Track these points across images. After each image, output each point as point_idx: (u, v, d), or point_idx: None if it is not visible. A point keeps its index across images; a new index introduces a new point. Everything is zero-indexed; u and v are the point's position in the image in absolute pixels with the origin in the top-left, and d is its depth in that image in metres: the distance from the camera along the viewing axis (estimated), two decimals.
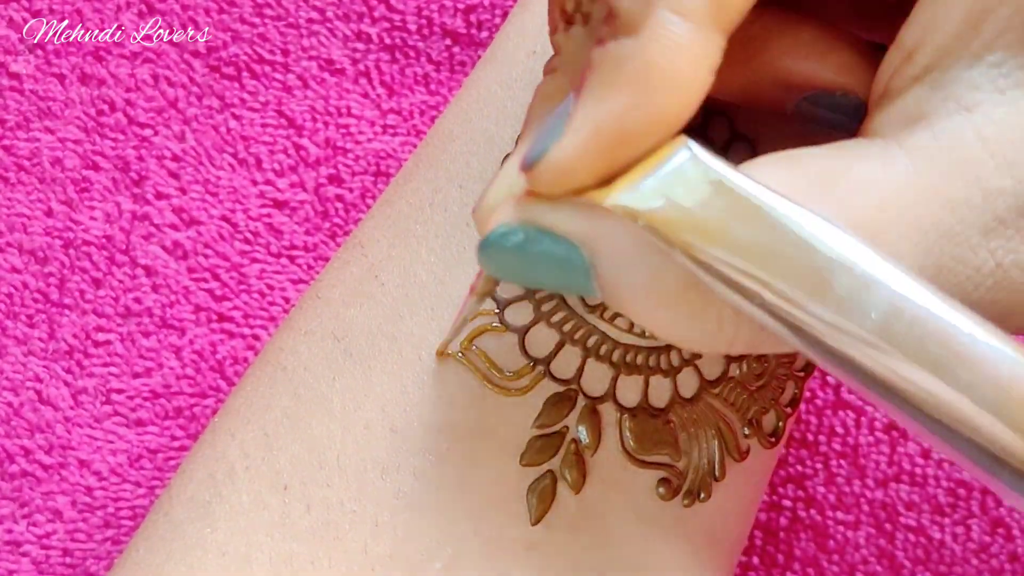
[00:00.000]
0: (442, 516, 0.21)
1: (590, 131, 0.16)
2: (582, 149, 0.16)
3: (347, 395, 0.22)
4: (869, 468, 0.30)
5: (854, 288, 0.15)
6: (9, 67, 0.32)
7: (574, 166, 0.16)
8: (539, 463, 0.21)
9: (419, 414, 0.22)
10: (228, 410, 0.24)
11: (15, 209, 0.31)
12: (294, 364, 0.23)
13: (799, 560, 0.30)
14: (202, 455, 0.23)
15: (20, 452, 0.30)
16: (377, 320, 0.22)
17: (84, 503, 0.30)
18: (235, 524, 0.21)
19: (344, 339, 0.22)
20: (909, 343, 0.14)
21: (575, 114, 0.16)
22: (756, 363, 0.22)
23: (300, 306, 0.24)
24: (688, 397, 0.22)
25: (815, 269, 0.15)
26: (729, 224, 0.15)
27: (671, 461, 0.22)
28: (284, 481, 0.22)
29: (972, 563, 0.29)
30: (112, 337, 0.31)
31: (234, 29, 0.33)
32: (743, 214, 0.15)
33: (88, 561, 0.30)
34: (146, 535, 0.23)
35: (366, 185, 0.32)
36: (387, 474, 0.21)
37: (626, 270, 0.16)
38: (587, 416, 0.21)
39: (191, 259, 0.31)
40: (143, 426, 0.30)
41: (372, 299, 0.23)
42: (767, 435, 0.23)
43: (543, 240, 0.17)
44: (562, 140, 0.16)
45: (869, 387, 0.15)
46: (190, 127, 0.32)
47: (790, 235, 0.15)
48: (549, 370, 0.21)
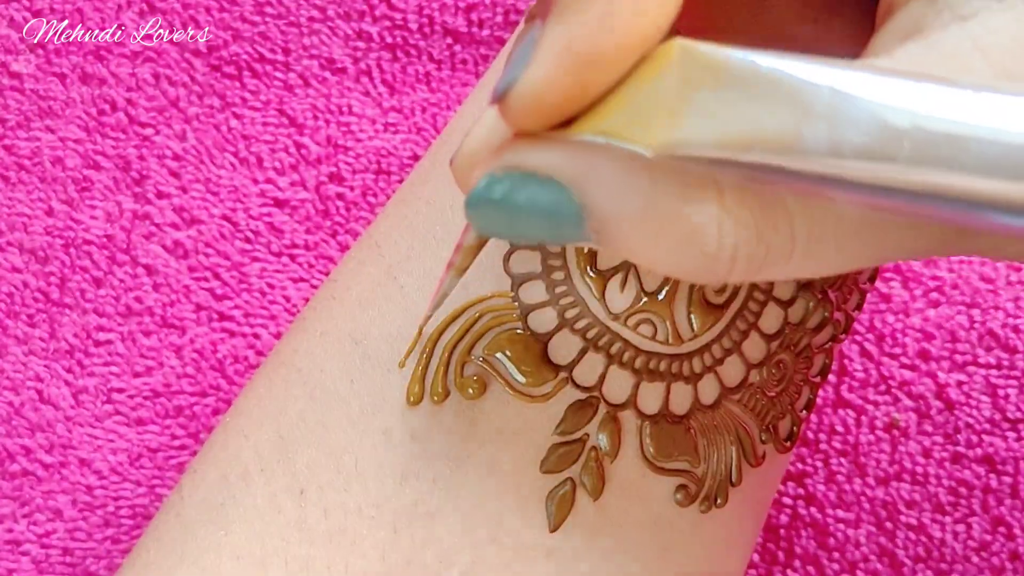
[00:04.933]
0: (460, 522, 0.21)
1: (559, 51, 0.15)
2: (553, 71, 0.15)
3: (365, 399, 0.22)
4: (869, 466, 0.30)
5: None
6: (10, 66, 0.32)
7: (545, 90, 0.15)
8: (559, 470, 0.21)
9: (440, 420, 0.21)
10: (240, 410, 0.23)
11: (16, 208, 0.31)
12: (309, 366, 0.22)
13: (799, 558, 0.30)
14: (214, 456, 0.23)
15: (21, 451, 0.30)
16: (396, 323, 0.22)
17: (84, 502, 0.30)
18: (250, 527, 0.21)
19: (362, 342, 0.22)
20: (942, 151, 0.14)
21: (543, 37, 0.15)
22: (775, 369, 0.22)
23: (313, 306, 0.24)
24: (708, 404, 0.22)
25: (869, 119, 0.14)
26: (755, 113, 0.14)
27: (690, 467, 0.22)
28: (300, 485, 0.21)
29: (972, 561, 0.29)
30: (113, 336, 0.31)
31: (235, 28, 0.33)
32: (761, 92, 0.14)
33: (88, 560, 0.30)
34: (156, 536, 0.22)
35: (367, 183, 0.32)
36: (406, 480, 0.21)
37: (618, 201, 0.16)
38: (608, 423, 0.21)
39: (192, 258, 0.31)
40: (144, 425, 0.30)
41: (391, 301, 0.22)
42: (782, 439, 0.23)
43: (530, 186, 0.16)
44: (531, 65, 0.15)
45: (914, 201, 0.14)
46: (191, 126, 0.32)
47: (821, 91, 0.14)
48: (572, 377, 0.21)
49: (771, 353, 0.22)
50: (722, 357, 0.22)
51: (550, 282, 0.21)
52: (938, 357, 0.31)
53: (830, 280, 0.23)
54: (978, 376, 0.30)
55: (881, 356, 0.31)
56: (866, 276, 0.24)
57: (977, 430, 0.30)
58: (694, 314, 0.21)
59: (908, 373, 0.30)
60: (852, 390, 0.30)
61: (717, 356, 0.22)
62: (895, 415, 0.30)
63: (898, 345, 0.31)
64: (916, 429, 0.30)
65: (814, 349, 0.23)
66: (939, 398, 0.30)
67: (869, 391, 0.30)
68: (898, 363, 0.31)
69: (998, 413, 0.30)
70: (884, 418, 0.30)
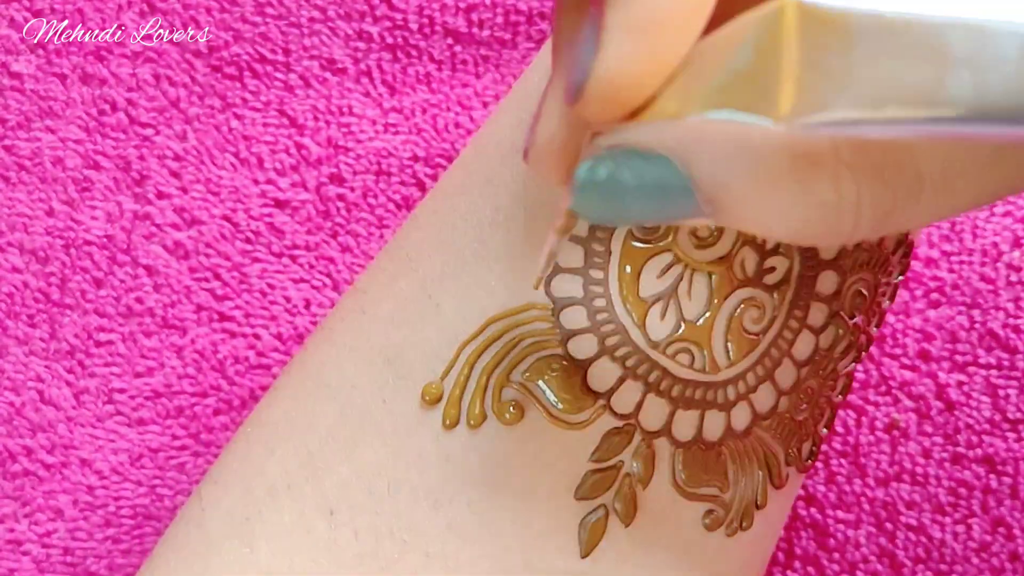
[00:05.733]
0: (493, 548, 0.21)
1: (627, 27, 0.14)
2: (626, 51, 0.14)
3: (399, 420, 0.21)
4: (870, 467, 0.30)
5: (976, 43, 0.13)
6: (10, 67, 0.32)
7: (621, 74, 0.14)
8: (593, 496, 0.21)
9: (476, 444, 0.21)
10: (262, 421, 0.23)
11: (16, 209, 0.31)
12: (339, 381, 0.22)
13: (799, 558, 0.30)
14: (236, 468, 0.22)
15: (22, 451, 0.30)
16: (432, 344, 0.21)
17: (85, 502, 0.30)
18: (277, 545, 0.21)
19: (395, 361, 0.22)
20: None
21: (606, 21, 0.14)
22: (803, 395, 0.22)
23: (342, 318, 0.23)
24: (740, 430, 0.22)
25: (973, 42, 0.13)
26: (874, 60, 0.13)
27: (719, 492, 0.22)
28: (330, 505, 0.21)
29: (972, 562, 0.29)
30: (114, 337, 0.31)
31: (235, 28, 0.33)
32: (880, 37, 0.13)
33: (89, 560, 0.30)
34: (176, 546, 0.22)
35: (368, 184, 0.32)
36: (440, 505, 0.21)
37: (728, 164, 0.15)
38: (643, 451, 0.21)
39: (192, 259, 0.31)
40: (144, 425, 0.30)
41: (426, 321, 0.22)
42: (803, 459, 0.23)
43: (634, 163, 0.15)
44: (601, 51, 0.14)
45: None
46: (191, 127, 0.32)
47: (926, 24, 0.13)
48: (610, 405, 0.21)
49: (801, 379, 0.22)
50: (756, 385, 0.21)
51: (591, 308, 0.21)
52: (938, 357, 0.31)
53: (859, 305, 0.22)
54: (978, 376, 0.30)
55: (881, 356, 0.31)
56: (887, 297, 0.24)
57: (977, 431, 0.30)
58: (731, 342, 0.21)
59: (908, 373, 0.30)
60: (852, 390, 0.30)
61: (751, 384, 0.21)
62: (895, 416, 0.30)
63: (898, 345, 0.31)
64: (916, 430, 0.30)
65: (839, 373, 0.23)
66: (939, 398, 0.30)
67: (869, 391, 0.31)
68: (898, 363, 0.31)
69: (998, 414, 0.30)
70: (884, 419, 0.30)
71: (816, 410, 0.23)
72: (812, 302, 0.22)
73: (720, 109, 0.14)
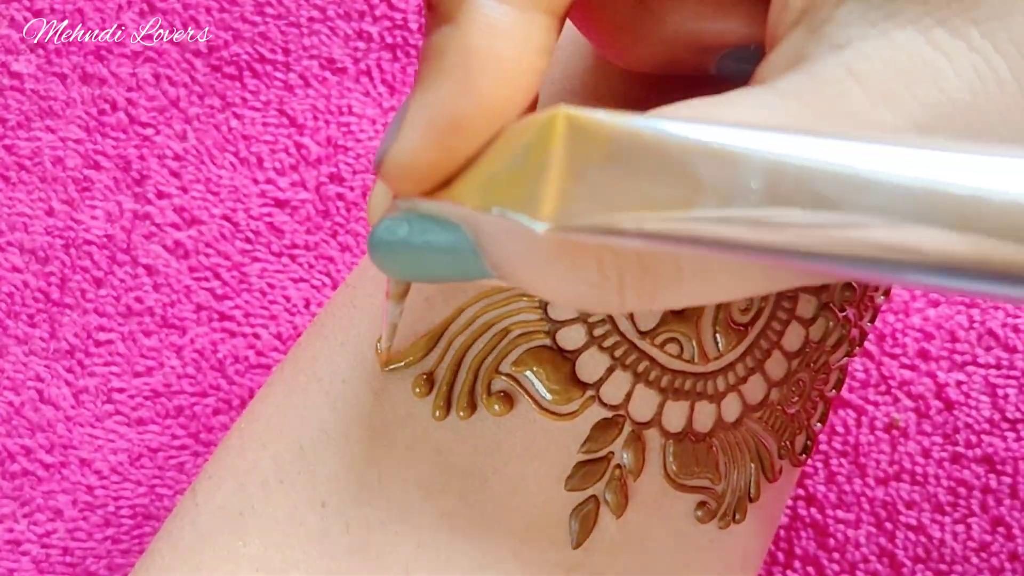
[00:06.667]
0: (484, 538, 0.21)
1: (422, 124, 0.16)
2: (418, 144, 0.16)
3: (390, 413, 0.21)
4: (869, 467, 0.30)
5: (723, 171, 0.13)
6: (10, 66, 0.32)
7: (413, 162, 0.16)
8: (584, 488, 0.21)
9: (465, 435, 0.21)
10: (256, 416, 0.23)
11: (16, 208, 0.31)
12: (331, 376, 0.22)
13: (799, 558, 0.30)
14: (230, 463, 0.22)
15: (21, 451, 0.30)
16: (421, 336, 0.22)
17: (85, 502, 0.30)
18: (270, 538, 0.21)
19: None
20: (801, 194, 0.13)
21: (408, 107, 0.16)
22: (795, 387, 0.22)
23: (333, 312, 0.24)
24: (731, 422, 0.22)
25: (679, 172, 0.14)
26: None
27: (710, 484, 0.22)
28: (322, 497, 0.21)
29: (972, 562, 0.29)
30: (113, 336, 0.31)
31: (235, 28, 0.33)
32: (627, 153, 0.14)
33: (88, 560, 0.30)
34: (171, 542, 0.22)
35: (367, 183, 0.32)
36: (430, 496, 0.21)
37: (508, 243, 0.16)
38: (633, 441, 0.21)
39: (192, 258, 0.31)
40: (144, 425, 0.30)
41: (415, 314, 0.22)
42: (797, 454, 0.23)
43: (428, 227, 0.16)
44: (398, 137, 0.16)
45: (793, 257, 0.14)
46: (191, 126, 0.32)
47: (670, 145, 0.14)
48: (599, 395, 0.21)
49: (792, 371, 0.22)
50: (745, 376, 0.22)
51: None
52: (938, 357, 0.31)
53: (849, 298, 0.23)
54: (977, 376, 0.30)
55: (881, 356, 0.31)
56: (880, 292, 0.24)
57: (976, 430, 0.30)
58: (720, 333, 0.21)
59: (908, 373, 0.30)
60: (852, 390, 0.30)
61: (741, 375, 0.22)
62: (895, 415, 0.30)
63: (898, 345, 0.31)
64: (916, 429, 0.30)
65: (831, 366, 0.23)
66: (939, 398, 0.30)
67: (869, 391, 0.31)
68: (898, 363, 0.31)
69: (997, 413, 0.30)
70: (884, 418, 0.30)
71: (808, 403, 0.23)
72: (800, 293, 0.22)
73: (494, 206, 0.15)
